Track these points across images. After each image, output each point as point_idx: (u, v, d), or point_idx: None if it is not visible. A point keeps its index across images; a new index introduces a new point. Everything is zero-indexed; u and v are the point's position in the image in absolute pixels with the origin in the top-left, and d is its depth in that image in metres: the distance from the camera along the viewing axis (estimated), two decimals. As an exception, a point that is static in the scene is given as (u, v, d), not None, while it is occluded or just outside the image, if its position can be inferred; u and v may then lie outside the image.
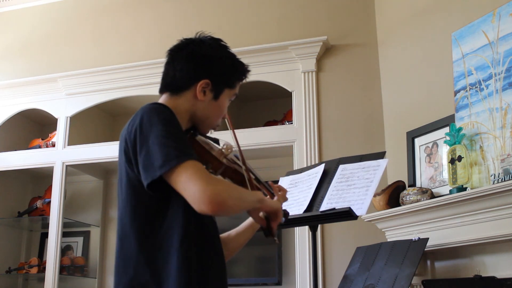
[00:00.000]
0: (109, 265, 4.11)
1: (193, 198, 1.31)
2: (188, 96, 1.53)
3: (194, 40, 1.58)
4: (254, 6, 3.91)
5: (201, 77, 1.53)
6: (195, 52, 1.55)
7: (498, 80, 2.55)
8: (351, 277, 2.61)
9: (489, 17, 2.64)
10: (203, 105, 1.54)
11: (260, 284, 3.64)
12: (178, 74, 1.54)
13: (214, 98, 1.55)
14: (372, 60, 3.49)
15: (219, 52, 1.58)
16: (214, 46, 1.57)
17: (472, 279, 2.42)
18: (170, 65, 1.57)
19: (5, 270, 4.09)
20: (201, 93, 1.53)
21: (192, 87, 1.53)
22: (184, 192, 1.32)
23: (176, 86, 1.54)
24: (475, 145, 2.60)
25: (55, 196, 3.86)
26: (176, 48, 1.59)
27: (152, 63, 3.78)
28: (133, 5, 4.25)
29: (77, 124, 4.06)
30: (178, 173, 1.31)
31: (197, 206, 1.31)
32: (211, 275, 1.43)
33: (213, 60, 1.55)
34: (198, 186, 1.30)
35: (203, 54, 1.55)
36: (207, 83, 1.53)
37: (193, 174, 1.31)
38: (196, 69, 1.54)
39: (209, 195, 1.29)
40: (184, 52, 1.56)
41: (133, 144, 1.40)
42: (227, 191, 1.35)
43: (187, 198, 1.32)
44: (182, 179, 1.31)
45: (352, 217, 2.11)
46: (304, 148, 3.42)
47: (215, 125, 1.60)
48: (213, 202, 1.30)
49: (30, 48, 4.45)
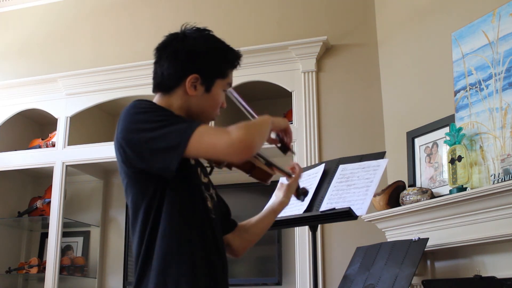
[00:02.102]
0: (109, 265, 4.11)
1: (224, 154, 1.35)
2: (180, 93, 1.51)
3: (178, 36, 1.54)
4: (254, 6, 3.91)
5: (188, 73, 1.49)
6: (178, 48, 1.51)
7: (498, 80, 2.55)
8: (351, 277, 2.61)
9: (489, 17, 2.64)
10: (196, 100, 1.51)
11: (260, 284, 3.64)
12: (165, 73, 1.52)
13: (206, 91, 1.52)
14: (372, 60, 3.49)
15: (204, 44, 1.52)
16: (198, 39, 1.52)
17: (472, 279, 2.42)
18: (158, 64, 1.55)
19: (5, 270, 4.09)
20: (191, 88, 1.49)
21: (182, 84, 1.50)
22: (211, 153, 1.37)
23: (166, 85, 1.52)
24: (475, 145, 2.60)
25: (55, 196, 3.86)
26: (161, 46, 1.56)
27: (152, 63, 3.76)
28: (133, 5, 4.26)
29: (77, 124, 4.05)
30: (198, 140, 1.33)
31: (231, 158, 1.38)
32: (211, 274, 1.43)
33: (198, 54, 1.51)
34: (223, 141, 1.33)
35: (187, 49, 1.51)
36: (196, 77, 1.49)
37: (211, 134, 1.35)
38: (182, 66, 1.50)
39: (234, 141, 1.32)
40: (168, 49, 1.53)
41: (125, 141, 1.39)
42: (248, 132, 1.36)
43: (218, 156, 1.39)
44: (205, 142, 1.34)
45: (352, 217, 2.11)
46: (304, 148, 3.42)
47: (213, 117, 1.57)
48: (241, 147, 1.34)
49: (30, 48, 4.45)
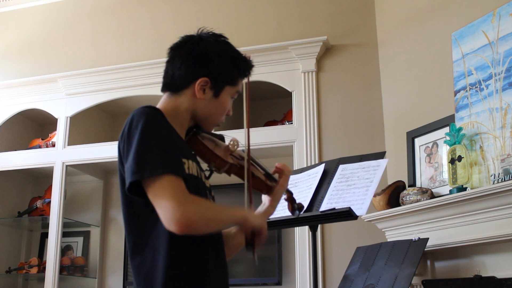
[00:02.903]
0: (109, 265, 4.11)
1: (163, 216, 1.29)
2: (188, 95, 1.50)
3: (193, 38, 1.55)
4: (254, 6, 3.91)
5: (199, 75, 1.49)
6: (192, 50, 1.52)
7: (498, 80, 2.55)
8: (351, 277, 2.61)
9: (489, 17, 2.64)
10: (203, 104, 1.51)
11: (260, 284, 3.64)
12: (176, 73, 1.51)
13: (214, 96, 1.52)
14: (372, 60, 3.49)
15: (218, 49, 1.53)
16: (212, 43, 1.53)
17: (472, 279, 2.42)
18: (170, 64, 1.55)
19: (5, 270, 4.09)
20: (200, 91, 1.50)
21: (191, 86, 1.50)
22: (156, 207, 1.30)
23: (175, 85, 1.52)
24: (475, 145, 2.60)
25: (55, 196, 3.86)
26: (175, 46, 1.56)
27: (152, 63, 3.78)
28: (133, 5, 4.25)
29: (77, 124, 4.06)
30: (154, 185, 1.29)
31: (165, 225, 1.29)
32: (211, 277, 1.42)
33: (211, 57, 1.51)
34: (169, 204, 1.27)
35: (200, 52, 1.51)
36: (206, 81, 1.50)
37: (166, 191, 1.28)
38: (194, 67, 1.50)
39: (178, 217, 1.26)
40: (182, 50, 1.53)
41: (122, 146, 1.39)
42: (200, 213, 1.32)
43: (158, 213, 1.30)
44: (156, 193, 1.29)
45: (352, 217, 2.11)
46: (304, 148, 3.42)
47: (218, 123, 1.57)
48: (181, 223, 1.27)
49: (30, 48, 4.45)
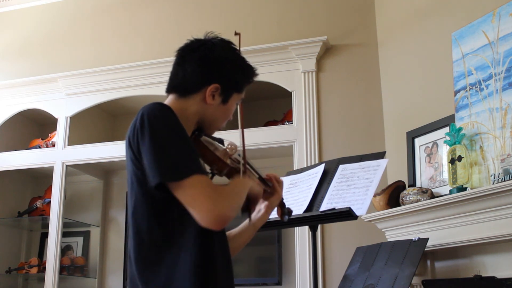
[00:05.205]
0: (109, 265, 4.11)
1: (199, 217, 1.32)
2: (197, 99, 1.51)
3: (206, 43, 1.55)
4: (254, 6, 3.91)
5: (211, 81, 1.50)
6: (207, 55, 1.52)
7: (498, 80, 2.55)
8: (351, 277, 2.61)
9: (489, 17, 2.64)
10: (211, 109, 1.52)
11: (260, 284, 3.64)
12: (188, 76, 1.51)
13: (223, 102, 1.54)
14: (372, 60, 3.49)
15: (232, 57, 1.56)
16: (226, 51, 1.55)
17: (472, 279, 2.42)
18: (180, 67, 1.54)
19: (5, 270, 4.09)
20: (210, 97, 1.51)
21: (202, 91, 1.51)
22: (190, 208, 1.33)
23: (184, 89, 1.52)
24: (475, 145, 2.60)
25: (55, 196, 3.86)
26: (187, 49, 1.55)
27: (152, 63, 3.78)
28: (133, 5, 4.25)
29: (77, 124, 4.06)
30: (184, 187, 1.32)
31: (204, 224, 1.33)
32: (220, 276, 1.42)
33: (225, 64, 1.53)
34: (204, 206, 1.31)
35: (215, 58, 1.52)
36: (217, 87, 1.51)
37: (199, 192, 1.32)
38: (208, 73, 1.51)
39: (217, 215, 1.32)
40: (196, 54, 1.52)
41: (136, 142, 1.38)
42: (231, 205, 1.38)
43: (193, 214, 1.33)
44: (189, 194, 1.32)
45: (352, 217, 2.11)
46: (304, 148, 3.42)
47: (220, 128, 1.60)
48: (221, 221, 1.33)
49: (30, 48, 4.45)
